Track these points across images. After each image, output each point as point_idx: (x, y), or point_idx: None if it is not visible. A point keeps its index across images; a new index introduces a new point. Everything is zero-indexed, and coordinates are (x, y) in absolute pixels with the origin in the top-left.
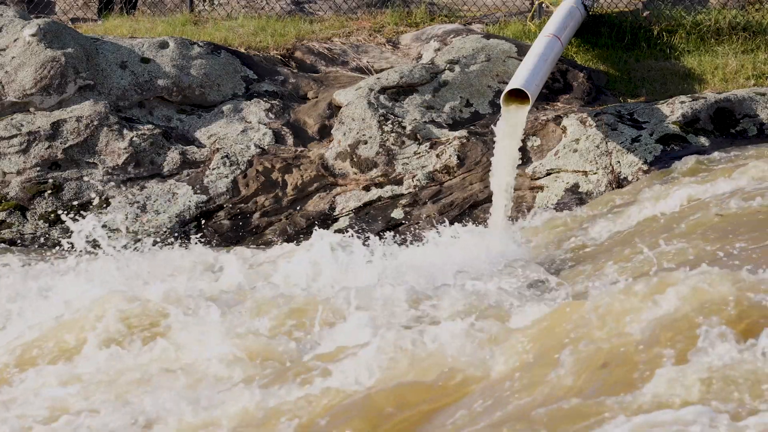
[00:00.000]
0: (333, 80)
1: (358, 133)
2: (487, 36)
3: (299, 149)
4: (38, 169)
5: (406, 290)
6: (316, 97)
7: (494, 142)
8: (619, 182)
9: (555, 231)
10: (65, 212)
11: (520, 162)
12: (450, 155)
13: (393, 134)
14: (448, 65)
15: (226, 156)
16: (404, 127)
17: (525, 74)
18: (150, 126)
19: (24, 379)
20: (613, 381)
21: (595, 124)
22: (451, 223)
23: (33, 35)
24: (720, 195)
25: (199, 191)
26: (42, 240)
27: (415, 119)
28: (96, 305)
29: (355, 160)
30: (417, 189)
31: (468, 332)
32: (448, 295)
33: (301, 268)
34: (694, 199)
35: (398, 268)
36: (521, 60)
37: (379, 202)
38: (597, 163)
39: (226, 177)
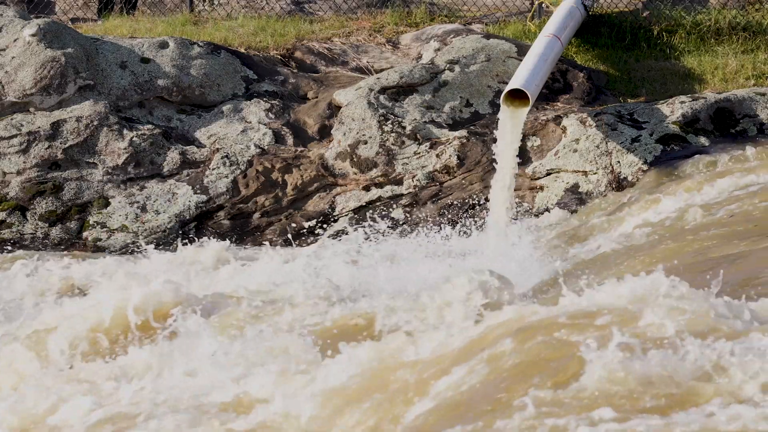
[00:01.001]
0: (333, 80)
1: (358, 133)
2: (487, 36)
3: (299, 149)
4: (38, 169)
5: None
6: (316, 97)
7: (494, 142)
8: (619, 182)
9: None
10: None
11: (520, 162)
12: (450, 155)
13: (393, 134)
14: (448, 65)
15: (226, 156)
16: (404, 127)
17: (525, 74)
18: (150, 126)
19: None
20: None
21: (595, 124)
22: (450, 223)
23: (33, 35)
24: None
25: (199, 191)
26: (42, 240)
27: (415, 119)
28: None
29: (355, 160)
30: (417, 189)
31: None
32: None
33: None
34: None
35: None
36: (521, 60)
37: (379, 202)
38: (597, 163)
39: (226, 177)
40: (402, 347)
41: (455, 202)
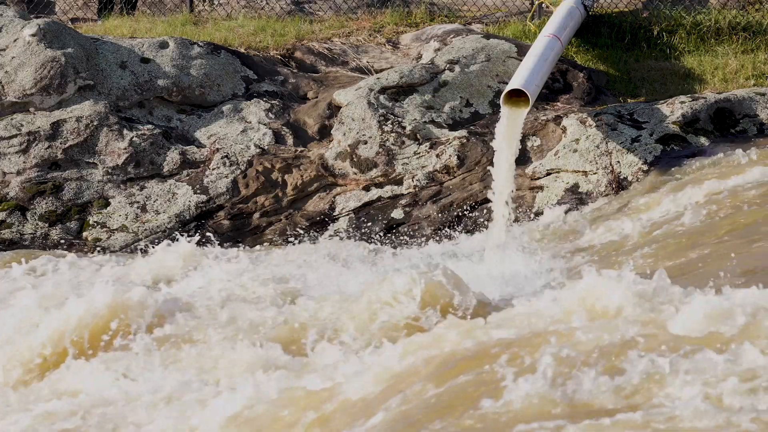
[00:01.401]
0: (333, 80)
1: (358, 133)
2: (487, 36)
3: (299, 149)
4: (38, 169)
5: None
6: (316, 97)
7: (494, 142)
8: (619, 182)
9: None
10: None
11: (520, 162)
12: (450, 155)
13: (393, 134)
14: (448, 65)
15: (226, 156)
16: (404, 127)
17: (525, 74)
18: (150, 126)
19: None
20: None
21: (595, 124)
22: (451, 223)
23: (33, 35)
24: None
25: (199, 191)
26: (42, 240)
27: (415, 119)
28: None
29: (355, 160)
30: (417, 189)
31: None
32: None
33: None
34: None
35: None
36: (521, 60)
37: (379, 202)
38: (597, 163)
39: (226, 177)
40: (318, 379)
41: (455, 202)
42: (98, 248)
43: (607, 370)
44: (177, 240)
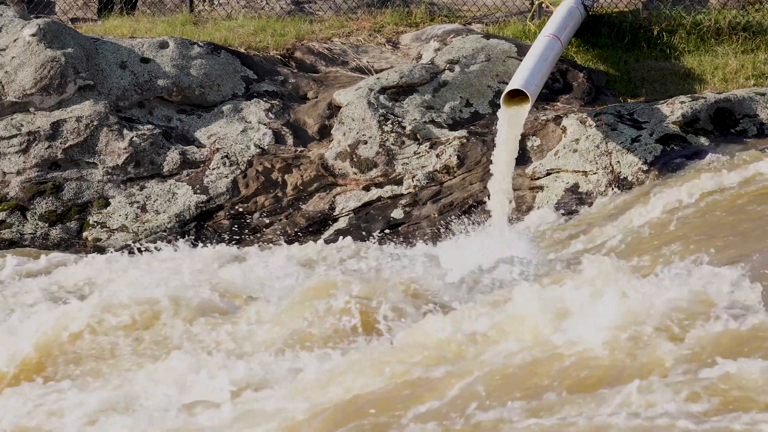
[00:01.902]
0: (333, 80)
1: (358, 133)
2: (487, 36)
3: (299, 149)
4: (38, 169)
5: None
6: (316, 97)
7: (494, 142)
8: (618, 182)
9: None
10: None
11: (520, 162)
12: (450, 155)
13: (393, 134)
14: (448, 65)
15: (226, 156)
16: (404, 127)
17: (525, 74)
18: (150, 126)
19: None
20: None
21: (595, 124)
22: (451, 223)
23: (33, 35)
24: None
25: (199, 191)
26: (42, 240)
27: (415, 119)
28: None
29: (355, 160)
30: (417, 189)
31: None
32: None
33: None
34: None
35: None
36: (521, 60)
37: (379, 202)
38: (597, 163)
39: (226, 177)
40: (207, 416)
41: (455, 202)
42: (98, 248)
43: (524, 397)
44: (133, 249)
